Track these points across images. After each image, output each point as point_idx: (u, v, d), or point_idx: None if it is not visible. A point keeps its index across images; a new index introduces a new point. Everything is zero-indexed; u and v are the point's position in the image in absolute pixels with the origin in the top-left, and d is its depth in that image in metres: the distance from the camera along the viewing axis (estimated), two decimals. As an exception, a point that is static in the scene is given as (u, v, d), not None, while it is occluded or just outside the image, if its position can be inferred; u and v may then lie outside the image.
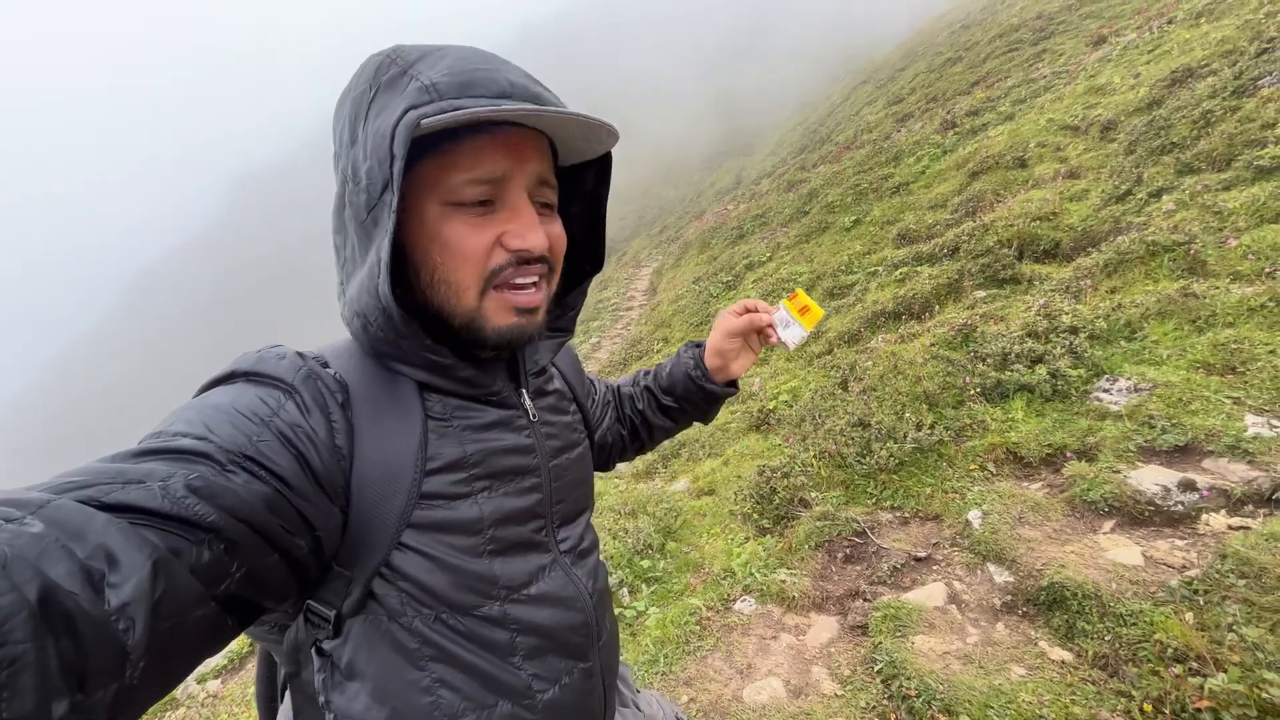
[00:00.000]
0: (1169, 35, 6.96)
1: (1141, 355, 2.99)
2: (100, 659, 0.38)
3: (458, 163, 0.58)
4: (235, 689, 3.76)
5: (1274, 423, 2.32)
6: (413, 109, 0.53)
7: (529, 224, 0.62)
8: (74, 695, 0.36)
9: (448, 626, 0.65)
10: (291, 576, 0.55)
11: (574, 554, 0.77)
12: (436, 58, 0.57)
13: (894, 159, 8.65)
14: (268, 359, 0.60)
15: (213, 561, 0.46)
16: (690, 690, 2.15)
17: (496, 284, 0.63)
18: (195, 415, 0.53)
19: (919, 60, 15.34)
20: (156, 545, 0.42)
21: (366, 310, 0.61)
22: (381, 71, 0.58)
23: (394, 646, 0.63)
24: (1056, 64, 8.89)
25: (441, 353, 0.64)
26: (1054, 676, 1.78)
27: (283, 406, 0.57)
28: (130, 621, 0.39)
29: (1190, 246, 3.47)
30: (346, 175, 0.60)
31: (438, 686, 0.65)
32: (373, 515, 0.60)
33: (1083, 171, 5.32)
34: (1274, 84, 4.49)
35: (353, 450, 0.60)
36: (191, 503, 0.46)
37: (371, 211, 0.58)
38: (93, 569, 0.39)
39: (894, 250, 6.17)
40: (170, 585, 0.42)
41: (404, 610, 0.63)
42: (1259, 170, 3.82)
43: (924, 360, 3.60)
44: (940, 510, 2.71)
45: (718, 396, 1.04)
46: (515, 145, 0.60)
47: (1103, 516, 2.29)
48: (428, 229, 0.61)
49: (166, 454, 0.48)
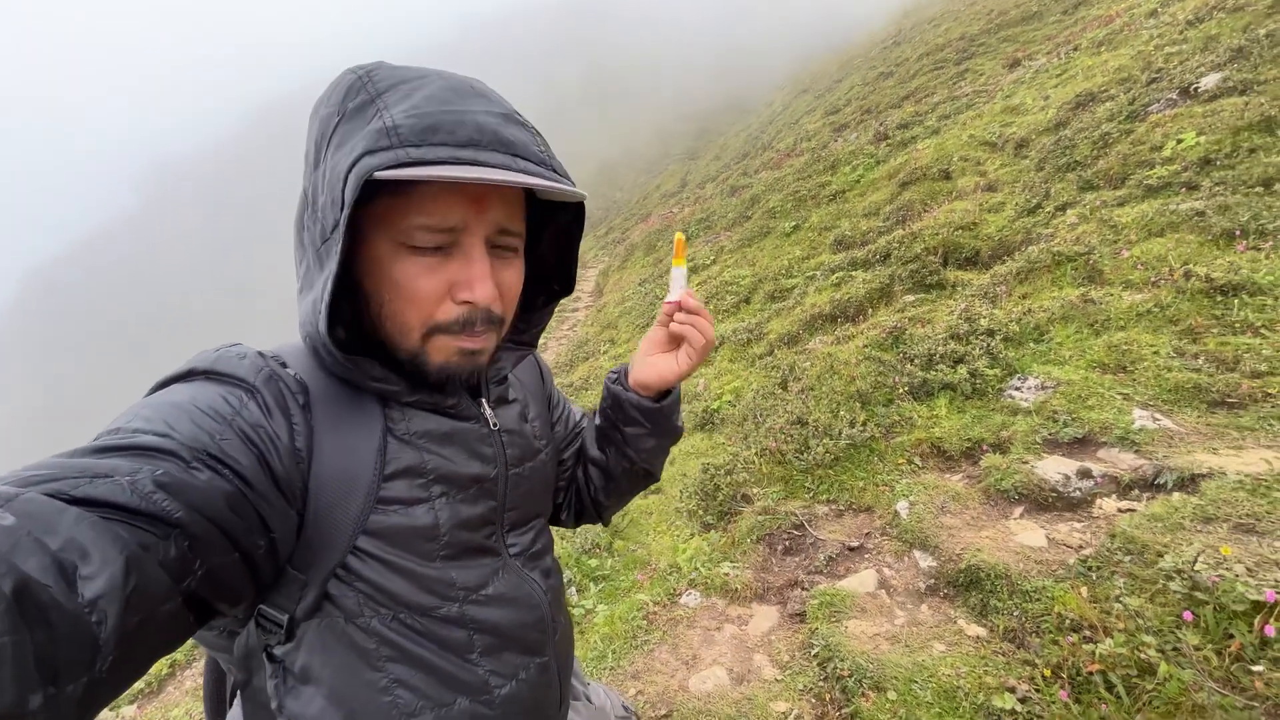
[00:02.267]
0: (1074, 61, 7.57)
1: (1048, 356, 3.27)
2: (73, 651, 0.38)
3: (413, 206, 0.57)
4: (155, 713, 3.55)
5: (1156, 416, 2.60)
6: (368, 154, 0.52)
7: (480, 276, 0.61)
8: (47, 688, 0.36)
9: (406, 626, 0.65)
10: (248, 577, 0.55)
11: (524, 557, 0.78)
12: (407, 90, 0.56)
13: (831, 167, 9.02)
14: (228, 358, 0.60)
15: (178, 558, 0.46)
16: (638, 683, 2.21)
17: (441, 332, 0.63)
18: (153, 413, 0.52)
19: (855, 73, 16.03)
20: (127, 540, 0.42)
21: (312, 333, 0.61)
22: (350, 96, 0.57)
23: (350, 648, 0.63)
24: (977, 83, 9.51)
25: (389, 380, 0.65)
26: (970, 651, 1.95)
27: (245, 406, 0.56)
28: (102, 615, 0.40)
29: (1089, 257, 3.81)
30: (307, 197, 0.61)
31: (395, 686, 0.65)
32: (329, 519, 0.60)
33: (999, 185, 5.73)
34: (1161, 110, 4.98)
35: (311, 453, 0.60)
36: (159, 498, 0.46)
37: (325, 243, 0.58)
38: (65, 562, 0.39)
39: (831, 255, 6.45)
40: (141, 580, 0.42)
41: (361, 611, 0.63)
42: (1148, 189, 4.24)
43: (858, 361, 3.80)
44: (872, 502, 2.88)
45: (637, 406, 0.88)
46: (477, 195, 0.59)
47: (1013, 504, 2.51)
48: (379, 265, 0.60)
49: (128, 450, 0.48)
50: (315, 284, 0.60)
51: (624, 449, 0.92)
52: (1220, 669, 1.50)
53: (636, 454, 0.92)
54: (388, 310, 0.62)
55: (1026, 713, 1.67)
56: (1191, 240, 3.54)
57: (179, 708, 3.47)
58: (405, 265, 0.59)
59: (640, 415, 0.89)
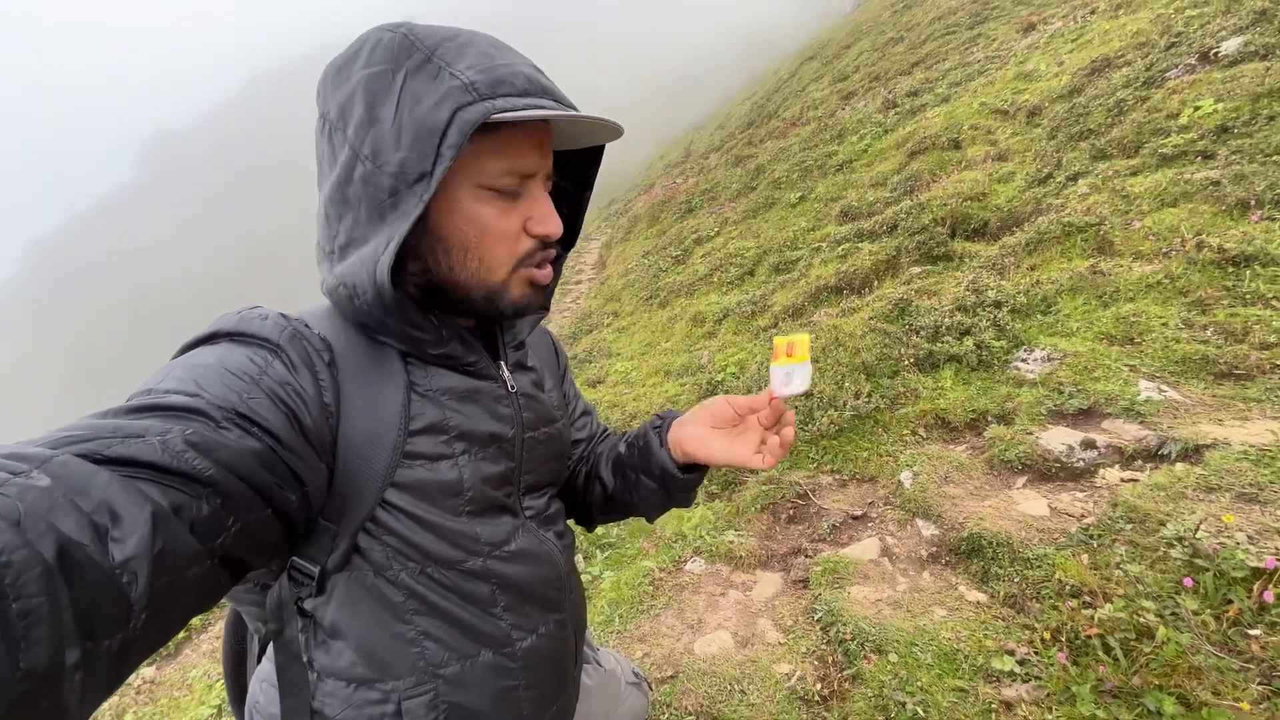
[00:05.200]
0: (1091, 25, 7.36)
1: (1055, 328, 3.26)
2: (107, 609, 0.39)
3: (500, 153, 0.62)
4: (173, 674, 3.66)
5: (1163, 388, 2.60)
6: (462, 109, 0.56)
7: (549, 213, 0.67)
8: (84, 644, 0.38)
9: (433, 580, 0.68)
10: (282, 532, 0.57)
11: (539, 519, 0.81)
12: (455, 47, 0.59)
13: (838, 137, 8.86)
14: (251, 319, 0.61)
15: (210, 516, 0.47)
16: (644, 646, 2.26)
17: (525, 265, 0.68)
18: (184, 374, 0.54)
19: (864, 38, 15.61)
20: (157, 501, 0.43)
21: (359, 284, 0.62)
22: (403, 54, 0.58)
23: (379, 600, 0.66)
24: (990, 49, 9.26)
25: (424, 328, 0.67)
26: (970, 616, 1.98)
27: (270, 365, 0.58)
28: (133, 575, 0.41)
29: (1100, 228, 3.77)
30: (360, 154, 0.60)
31: (422, 638, 0.68)
32: (358, 472, 0.62)
33: (1010, 154, 5.63)
34: (1179, 76, 4.86)
35: (339, 408, 0.62)
36: (191, 457, 0.47)
37: (393, 197, 0.59)
38: (98, 524, 0.40)
39: (837, 227, 6.38)
40: (168, 542, 0.43)
41: (389, 564, 0.65)
42: (1162, 157, 4.16)
43: (863, 333, 3.79)
44: (875, 472, 2.91)
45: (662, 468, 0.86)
46: (541, 141, 0.65)
47: (1016, 474, 2.53)
48: (459, 210, 0.64)
49: (160, 410, 0.49)
50: (372, 239, 0.61)
51: (633, 490, 0.92)
52: (1218, 633, 1.53)
53: (640, 501, 0.93)
54: (474, 251, 0.65)
55: (1025, 674, 1.71)
56: (1205, 210, 3.48)
57: (196, 669, 3.57)
58: (487, 208, 0.64)
59: (662, 476, 0.88)
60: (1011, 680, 1.71)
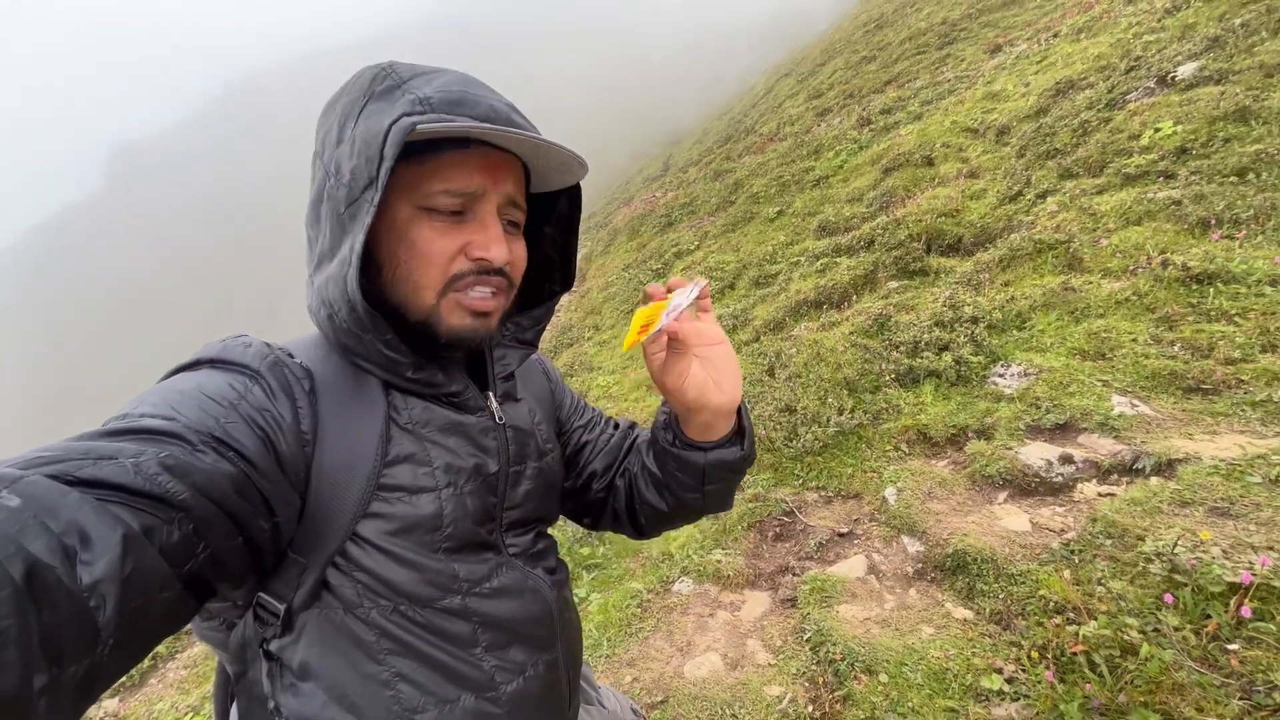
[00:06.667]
0: (1054, 48, 7.64)
1: (1030, 343, 3.34)
2: (76, 634, 0.38)
3: (438, 173, 0.62)
4: (138, 707, 3.51)
5: (1135, 403, 2.68)
6: (405, 116, 0.57)
7: (494, 238, 0.65)
8: (50, 669, 0.37)
9: (406, 619, 0.65)
10: (251, 560, 0.56)
11: (524, 556, 0.78)
12: (429, 77, 0.62)
13: (815, 152, 9.02)
14: (234, 347, 0.62)
15: (181, 540, 0.46)
16: (633, 670, 2.23)
17: (455, 287, 0.65)
18: (161, 398, 0.54)
19: (837, 56, 15.98)
20: (128, 524, 0.43)
21: (333, 301, 0.62)
22: (376, 82, 0.61)
23: (351, 640, 0.63)
24: (959, 69, 9.55)
25: (400, 350, 0.65)
26: (958, 633, 2.00)
27: (249, 391, 0.58)
28: (101, 599, 0.40)
29: (1070, 245, 3.88)
30: (329, 171, 0.63)
31: (397, 680, 0.64)
32: (329, 502, 0.61)
33: (981, 172, 5.79)
34: (1139, 99, 5.06)
35: (316, 437, 0.62)
36: (164, 480, 0.46)
37: (350, 207, 0.61)
38: (67, 545, 0.39)
39: (815, 241, 6.47)
40: (138, 566, 0.42)
41: (360, 602, 0.63)
42: (1126, 177, 4.31)
43: (844, 348, 3.84)
44: (860, 488, 2.93)
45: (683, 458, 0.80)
46: (492, 165, 0.65)
47: (998, 489, 2.57)
48: (397, 228, 0.64)
49: (135, 434, 0.49)
50: (339, 251, 0.62)
51: (678, 496, 0.84)
52: (1199, 648, 1.56)
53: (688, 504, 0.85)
54: (403, 272, 0.64)
55: (1013, 692, 1.73)
56: (1168, 229, 3.62)
57: (163, 701, 3.43)
58: (423, 228, 0.63)
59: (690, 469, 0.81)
60: (1000, 699, 1.72)
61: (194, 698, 3.30)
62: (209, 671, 3.60)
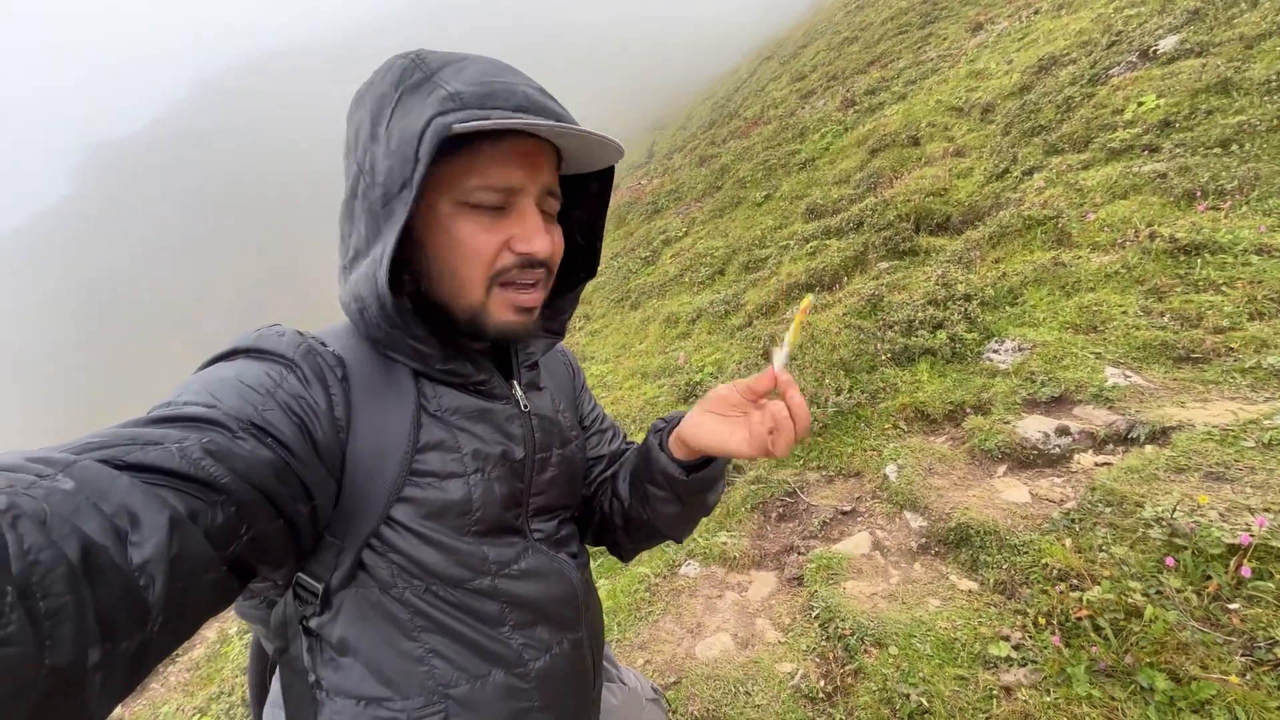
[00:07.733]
0: (1036, 24, 7.66)
1: (1023, 318, 3.37)
2: (127, 611, 0.40)
3: (476, 168, 0.62)
4: (143, 711, 3.49)
5: (1127, 373, 2.72)
6: (439, 116, 0.57)
7: (536, 230, 0.65)
8: (104, 644, 0.38)
9: (438, 598, 0.68)
10: (291, 542, 0.58)
11: (549, 541, 0.80)
12: (459, 67, 0.61)
13: (800, 135, 9.01)
14: (268, 336, 0.63)
15: (225, 523, 0.48)
16: (645, 653, 2.25)
17: (501, 282, 0.66)
18: (201, 387, 0.55)
19: (819, 38, 15.91)
20: (175, 506, 0.44)
21: (365, 296, 0.63)
22: (406, 76, 0.61)
23: (386, 618, 0.66)
24: (941, 47, 9.55)
25: (428, 343, 0.67)
26: (963, 604, 2.04)
27: (285, 379, 0.60)
28: (150, 579, 0.41)
29: (1058, 220, 3.92)
30: (362, 168, 0.63)
31: (431, 656, 0.67)
32: (365, 487, 0.63)
33: (967, 150, 5.81)
34: (1122, 73, 5.10)
35: (349, 423, 0.63)
36: (208, 464, 0.48)
37: (386, 206, 0.61)
38: (118, 526, 0.41)
39: (804, 224, 6.48)
40: (184, 547, 0.44)
41: (394, 582, 0.66)
42: (1111, 151, 4.36)
43: (838, 329, 3.86)
44: (861, 467, 2.96)
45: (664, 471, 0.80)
46: (530, 157, 0.64)
47: (997, 462, 2.61)
48: (440, 225, 0.64)
49: (178, 421, 0.51)
50: (373, 249, 0.62)
51: (646, 503, 0.85)
52: (1200, 608, 1.61)
53: (655, 514, 0.85)
54: (449, 269, 0.65)
55: (1021, 658, 1.76)
56: (1154, 202, 3.66)
57: (168, 704, 3.41)
58: (466, 224, 0.63)
59: (666, 480, 0.81)
60: (1009, 665, 1.76)
61: (200, 699, 3.29)
62: (213, 674, 3.58)
